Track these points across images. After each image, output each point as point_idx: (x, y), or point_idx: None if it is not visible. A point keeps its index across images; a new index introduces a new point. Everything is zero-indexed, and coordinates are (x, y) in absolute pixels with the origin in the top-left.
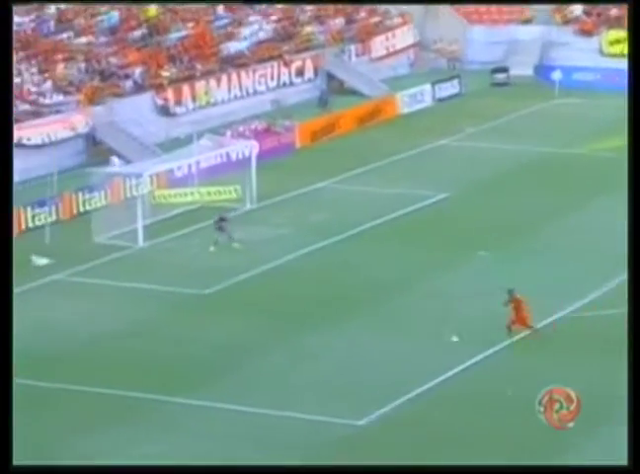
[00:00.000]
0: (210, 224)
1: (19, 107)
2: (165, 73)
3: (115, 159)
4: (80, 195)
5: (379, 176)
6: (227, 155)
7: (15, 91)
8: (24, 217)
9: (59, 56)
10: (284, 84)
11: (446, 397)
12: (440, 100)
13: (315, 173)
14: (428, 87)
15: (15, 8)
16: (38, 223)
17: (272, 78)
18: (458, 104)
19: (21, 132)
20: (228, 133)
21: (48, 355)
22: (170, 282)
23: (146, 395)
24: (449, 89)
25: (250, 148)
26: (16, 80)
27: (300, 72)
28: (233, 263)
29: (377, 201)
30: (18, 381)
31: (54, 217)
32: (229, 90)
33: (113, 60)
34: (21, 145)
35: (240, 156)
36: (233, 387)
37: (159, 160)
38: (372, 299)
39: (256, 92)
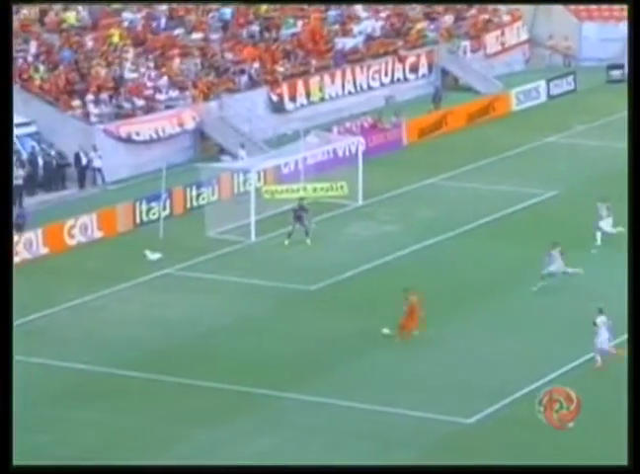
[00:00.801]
0: (318, 220)
1: (135, 103)
2: (280, 68)
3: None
4: (190, 190)
5: (488, 173)
6: (334, 151)
7: (131, 86)
8: (138, 211)
9: (175, 52)
10: (398, 80)
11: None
12: (555, 97)
13: (423, 170)
14: (542, 84)
15: (127, 6)
16: (152, 217)
17: (385, 74)
18: (572, 101)
19: (130, 128)
20: (335, 130)
21: (159, 348)
22: (278, 278)
23: (258, 390)
24: (564, 86)
25: (357, 144)
26: (132, 75)
27: (414, 68)
28: (341, 258)
29: (485, 199)
30: (129, 374)
31: (167, 212)
32: (343, 86)
33: (228, 56)
34: (130, 141)
35: (347, 152)
36: (343, 383)
37: (267, 156)
38: (482, 296)
39: (370, 88)
